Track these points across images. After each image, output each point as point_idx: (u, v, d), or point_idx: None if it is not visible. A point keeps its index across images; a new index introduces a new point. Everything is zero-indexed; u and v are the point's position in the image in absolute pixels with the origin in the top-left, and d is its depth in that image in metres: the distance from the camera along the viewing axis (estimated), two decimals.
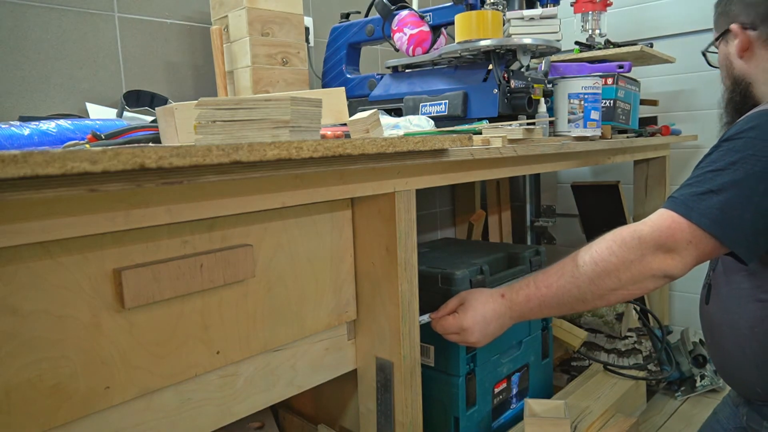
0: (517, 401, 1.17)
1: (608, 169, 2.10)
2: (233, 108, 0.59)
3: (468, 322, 0.88)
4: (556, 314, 0.89)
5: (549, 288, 0.85)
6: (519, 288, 0.88)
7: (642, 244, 0.80)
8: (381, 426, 0.86)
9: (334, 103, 0.93)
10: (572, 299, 0.83)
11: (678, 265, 0.79)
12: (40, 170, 0.42)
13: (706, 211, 0.78)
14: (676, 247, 0.79)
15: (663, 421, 1.48)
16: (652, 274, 0.79)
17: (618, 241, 0.81)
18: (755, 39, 0.97)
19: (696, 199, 0.80)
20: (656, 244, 0.79)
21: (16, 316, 0.51)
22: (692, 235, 0.78)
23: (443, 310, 0.92)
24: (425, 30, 1.22)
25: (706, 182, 0.80)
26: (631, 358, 1.47)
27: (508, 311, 0.88)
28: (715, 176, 0.80)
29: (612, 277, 0.81)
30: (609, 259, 0.81)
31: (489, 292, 0.91)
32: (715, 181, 0.80)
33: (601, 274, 0.81)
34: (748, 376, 0.92)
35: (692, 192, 0.81)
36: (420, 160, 0.79)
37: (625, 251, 0.80)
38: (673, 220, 0.80)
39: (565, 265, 0.85)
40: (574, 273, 0.83)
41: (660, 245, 0.79)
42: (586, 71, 1.39)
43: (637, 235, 0.80)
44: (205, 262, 0.64)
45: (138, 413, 0.61)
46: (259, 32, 1.16)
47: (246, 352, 0.70)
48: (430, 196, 1.93)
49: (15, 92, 1.02)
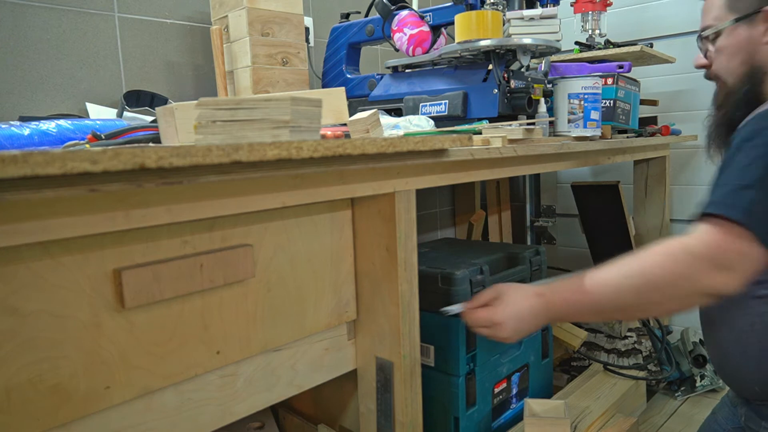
0: (517, 401, 1.17)
1: (608, 169, 2.10)
2: (233, 108, 0.59)
3: (502, 316, 0.84)
4: (593, 320, 0.85)
5: (590, 295, 0.81)
6: (558, 290, 0.84)
7: (694, 255, 0.75)
8: (381, 426, 0.86)
9: (334, 103, 0.93)
10: (612, 308, 0.80)
11: (733, 282, 0.74)
12: (40, 170, 0.42)
13: (750, 208, 0.73)
14: (733, 264, 0.74)
15: (663, 421, 1.48)
16: (701, 292, 0.75)
17: (668, 254, 0.77)
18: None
19: (755, 204, 0.74)
20: (707, 257, 0.74)
21: (16, 316, 0.51)
22: (749, 248, 0.73)
23: (476, 301, 0.88)
24: (425, 30, 1.22)
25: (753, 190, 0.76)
26: (631, 358, 1.47)
27: (544, 311, 0.84)
28: (747, 171, 0.76)
29: (658, 292, 0.76)
30: (654, 270, 0.77)
31: (526, 288, 0.87)
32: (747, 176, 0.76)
33: (647, 286, 0.77)
34: (746, 374, 0.91)
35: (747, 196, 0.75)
36: (420, 160, 0.79)
37: (672, 263, 0.76)
38: (727, 230, 0.75)
39: (610, 272, 0.80)
40: (618, 283, 0.79)
41: (711, 259, 0.74)
42: (586, 71, 1.39)
43: (686, 246, 0.76)
44: (205, 262, 0.64)
45: (138, 413, 0.61)
46: (259, 32, 1.16)
47: (246, 352, 0.70)
48: (430, 196, 1.93)
49: (15, 92, 1.02)
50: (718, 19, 0.98)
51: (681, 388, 1.63)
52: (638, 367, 1.44)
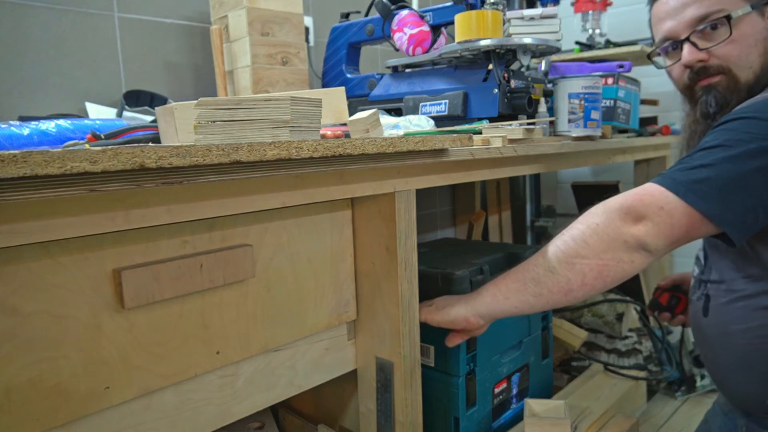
0: (517, 401, 1.17)
1: (608, 169, 2.10)
2: (233, 108, 0.59)
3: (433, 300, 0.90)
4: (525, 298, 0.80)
5: (516, 268, 0.82)
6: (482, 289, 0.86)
7: (607, 209, 0.75)
8: (381, 426, 0.86)
9: (334, 103, 0.93)
10: (541, 270, 0.78)
11: (650, 232, 0.72)
12: (39, 170, 0.42)
13: (691, 184, 0.72)
14: (647, 213, 0.73)
15: (663, 421, 1.48)
16: (623, 240, 0.73)
17: (587, 213, 0.78)
18: None
19: (684, 173, 0.74)
20: (622, 208, 0.74)
21: (16, 316, 0.51)
22: (665, 202, 0.72)
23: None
24: (425, 30, 1.22)
25: (698, 159, 0.75)
26: (631, 358, 1.47)
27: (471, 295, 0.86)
28: (708, 153, 0.75)
29: (579, 242, 0.76)
30: (575, 226, 0.77)
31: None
32: (706, 157, 0.74)
33: (568, 241, 0.77)
34: (753, 388, 0.87)
35: (681, 168, 0.75)
36: (420, 160, 0.79)
37: (591, 217, 0.77)
38: (646, 188, 0.75)
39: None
40: (545, 247, 0.79)
41: (627, 210, 0.74)
42: (587, 71, 1.39)
43: (604, 203, 0.77)
44: (205, 262, 0.64)
45: (138, 413, 0.61)
46: (259, 32, 1.16)
47: (246, 352, 0.70)
48: (430, 196, 1.93)
49: (15, 92, 1.02)
50: (726, 4, 0.86)
51: (681, 388, 1.63)
52: (638, 368, 1.44)
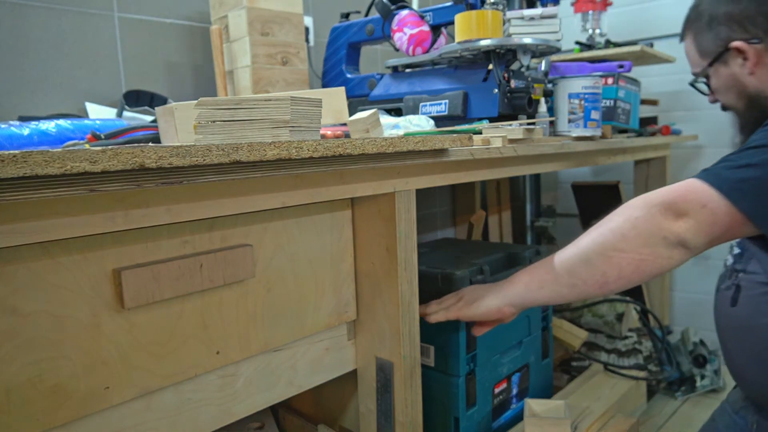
0: (517, 401, 1.17)
1: (608, 169, 2.10)
2: (233, 108, 0.59)
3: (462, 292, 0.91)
4: (559, 288, 0.80)
5: (552, 258, 0.81)
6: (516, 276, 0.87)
7: (648, 202, 0.74)
8: (381, 426, 0.86)
9: (334, 103, 0.93)
10: (577, 260, 0.77)
11: (691, 229, 0.71)
12: (39, 170, 0.42)
13: (736, 183, 0.70)
14: (689, 210, 0.71)
15: (663, 421, 1.48)
16: (663, 236, 0.72)
17: (627, 206, 0.76)
18: (763, 51, 0.93)
19: (729, 171, 0.72)
20: (664, 203, 0.73)
21: (16, 316, 0.51)
22: (708, 199, 0.71)
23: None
24: (425, 30, 1.22)
25: (745, 158, 0.73)
26: (631, 358, 1.47)
27: (502, 283, 0.88)
28: (756, 152, 0.73)
29: (617, 235, 0.74)
30: (612, 218, 0.76)
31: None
32: (754, 156, 0.73)
33: (605, 233, 0.75)
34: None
35: (727, 165, 0.74)
36: (420, 160, 0.79)
37: (631, 210, 0.75)
38: (689, 184, 0.73)
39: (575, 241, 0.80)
40: (582, 239, 0.78)
41: (669, 205, 0.72)
42: (587, 71, 1.39)
43: (644, 196, 0.75)
44: (205, 262, 0.63)
45: (138, 413, 0.61)
46: (259, 32, 1.16)
47: (246, 352, 0.70)
48: (430, 196, 1.93)
49: (15, 92, 1.02)
50: (697, 65, 1.04)
51: (681, 388, 1.63)
52: (639, 368, 1.44)
